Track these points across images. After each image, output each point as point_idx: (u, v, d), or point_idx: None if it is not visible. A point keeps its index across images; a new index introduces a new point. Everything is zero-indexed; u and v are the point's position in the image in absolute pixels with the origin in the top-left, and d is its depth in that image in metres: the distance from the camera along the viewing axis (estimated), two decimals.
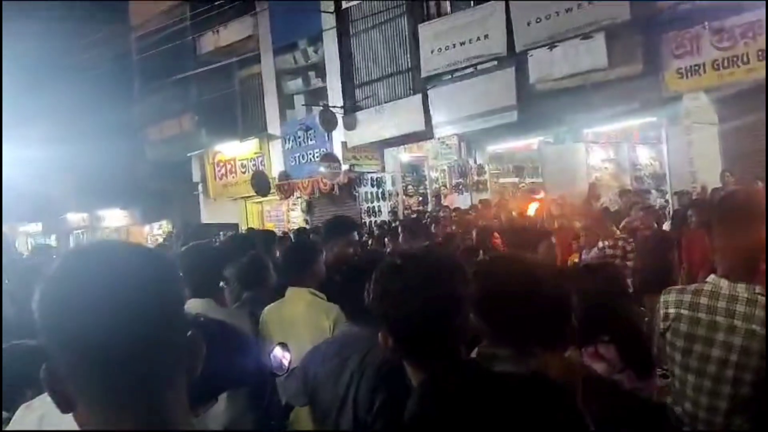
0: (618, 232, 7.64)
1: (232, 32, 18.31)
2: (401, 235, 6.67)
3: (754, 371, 2.19)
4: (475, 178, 14.41)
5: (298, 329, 3.47)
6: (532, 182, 14.38)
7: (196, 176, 20.04)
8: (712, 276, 2.34)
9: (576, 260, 7.27)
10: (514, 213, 11.06)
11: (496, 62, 12.64)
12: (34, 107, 18.45)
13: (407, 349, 1.67)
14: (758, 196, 2.43)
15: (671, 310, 2.36)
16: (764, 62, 9.78)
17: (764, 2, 8.97)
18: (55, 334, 0.92)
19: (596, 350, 2.39)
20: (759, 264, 2.23)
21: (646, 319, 3.29)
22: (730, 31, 10.16)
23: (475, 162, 14.47)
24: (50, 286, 0.93)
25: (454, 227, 10.38)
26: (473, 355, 1.93)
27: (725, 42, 10.24)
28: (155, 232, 22.91)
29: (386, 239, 8.36)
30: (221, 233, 14.09)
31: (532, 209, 10.62)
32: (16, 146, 17.21)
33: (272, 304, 3.78)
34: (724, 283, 2.28)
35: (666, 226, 8.79)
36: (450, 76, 13.49)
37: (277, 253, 5.77)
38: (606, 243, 7.07)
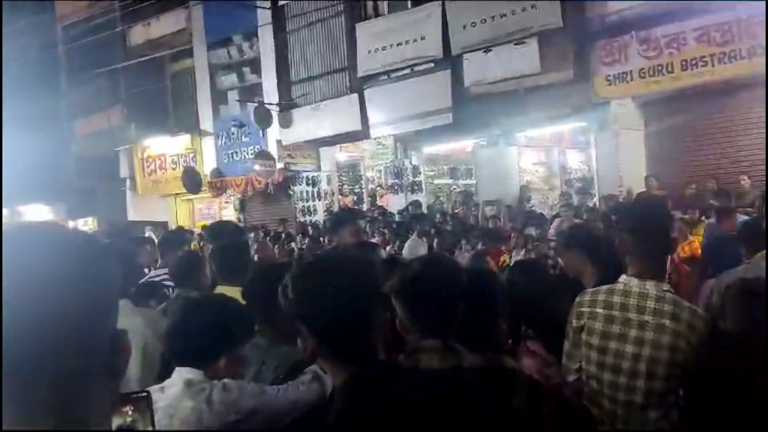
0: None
1: (164, 25, 17.87)
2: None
3: (665, 365, 2.31)
4: (411, 178, 14.51)
5: None
6: (466, 184, 14.61)
7: (123, 172, 19.46)
8: (623, 276, 2.47)
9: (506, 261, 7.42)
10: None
11: (432, 64, 12.74)
12: None
13: (329, 347, 1.64)
14: (662, 202, 2.64)
15: (585, 309, 2.48)
16: (687, 72, 10.21)
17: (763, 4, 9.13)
18: None
19: (526, 345, 2.45)
20: (665, 263, 2.39)
21: None
22: (655, 41, 10.57)
23: (411, 163, 14.56)
24: None
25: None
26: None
27: (651, 51, 10.65)
28: (80, 229, 22.11)
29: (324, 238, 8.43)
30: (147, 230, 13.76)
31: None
32: None
33: None
34: (634, 282, 2.41)
35: None
36: (387, 77, 13.53)
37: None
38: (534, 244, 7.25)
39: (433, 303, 1.93)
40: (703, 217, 8.43)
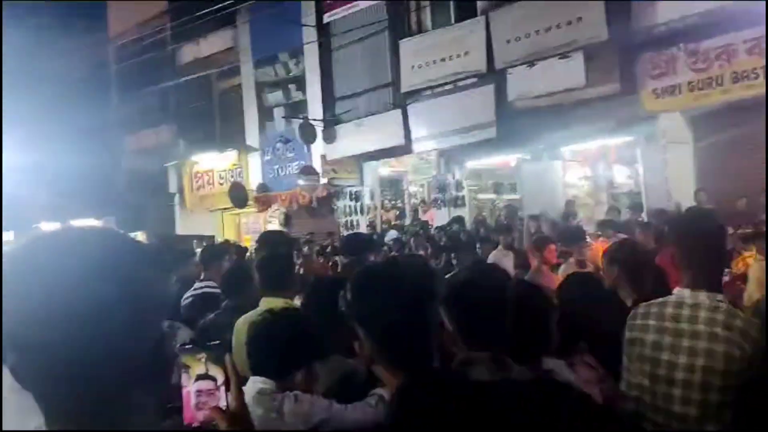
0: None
1: (212, 44, 18.28)
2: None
3: (720, 375, 2.24)
4: (454, 193, 14.44)
5: None
6: (510, 199, 14.47)
7: (172, 187, 19.88)
8: (677, 288, 2.44)
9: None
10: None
11: (476, 79, 12.73)
12: (8, 114, 18.17)
13: (385, 352, 1.65)
14: (713, 215, 2.60)
15: (638, 321, 2.44)
16: (738, 84, 9.96)
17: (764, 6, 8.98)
18: (5, 330, 0.84)
19: (582, 358, 2.41)
20: (719, 275, 2.36)
21: None
22: (705, 54, 10.34)
23: (454, 177, 14.51)
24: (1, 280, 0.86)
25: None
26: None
27: (700, 64, 10.42)
28: (132, 236, 22.62)
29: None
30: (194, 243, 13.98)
31: None
32: None
33: (245, 315, 3.74)
34: (687, 293, 2.38)
35: None
36: (430, 92, 13.56)
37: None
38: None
39: (482, 314, 1.92)
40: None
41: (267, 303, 3.70)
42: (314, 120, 15.54)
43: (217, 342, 1.18)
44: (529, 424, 1.69)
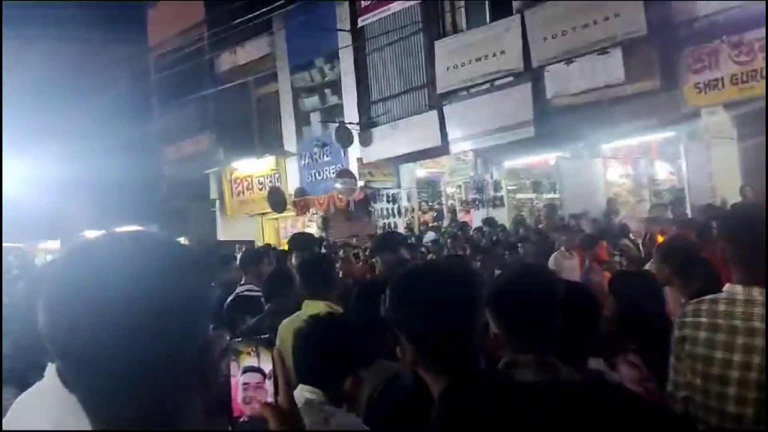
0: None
1: (249, 51, 18.50)
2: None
3: None
4: (492, 193, 14.35)
5: None
6: (550, 198, 14.31)
7: (213, 193, 20.15)
8: (728, 284, 2.35)
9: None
10: None
11: (512, 78, 12.62)
12: (53, 126, 18.66)
13: (428, 357, 1.62)
14: (762, 209, 2.49)
15: (688, 319, 2.36)
16: None
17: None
18: (50, 337, 0.85)
19: (626, 357, 2.35)
20: None
21: None
22: (748, 45, 10.07)
23: (492, 177, 14.41)
24: (47, 286, 0.87)
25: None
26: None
27: (744, 56, 10.15)
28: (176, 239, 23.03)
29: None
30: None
31: None
32: (35, 164, 17.38)
33: (288, 318, 3.76)
34: (739, 289, 2.28)
35: None
36: (466, 92, 13.50)
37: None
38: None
39: (527, 315, 1.89)
40: None
41: (309, 306, 3.73)
42: (350, 123, 15.60)
43: (266, 335, 1.18)
44: (579, 426, 1.66)
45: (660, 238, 6.93)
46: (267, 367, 1.11)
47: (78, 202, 21.11)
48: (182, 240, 20.87)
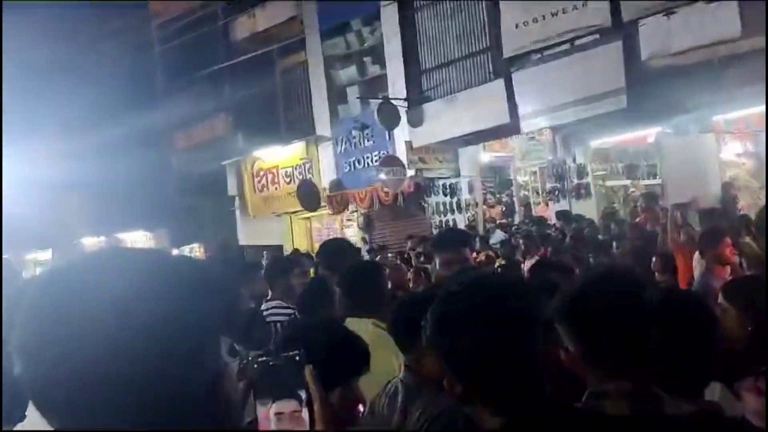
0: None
1: (270, 14, 18.64)
2: None
3: None
4: (575, 181, 14.21)
5: None
6: (649, 185, 14.07)
7: (231, 189, 20.40)
8: None
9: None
10: None
11: (597, 36, 12.51)
12: (39, 115, 19.14)
13: (478, 390, 1.64)
14: None
15: None
16: None
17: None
18: (26, 386, 0.88)
19: (755, 382, 2.30)
20: None
21: None
22: None
23: (575, 161, 14.29)
24: (18, 328, 0.89)
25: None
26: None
27: None
28: (179, 255, 23.39)
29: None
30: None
31: None
32: (19, 163, 17.81)
33: None
34: None
35: None
36: (539, 56, 13.40)
37: None
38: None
39: (614, 332, 1.87)
40: None
41: (351, 325, 3.75)
42: (396, 99, 15.61)
43: (296, 353, 1.20)
44: None
45: None
46: (303, 392, 1.13)
47: (71, 205, 21.68)
48: (196, 246, 21.32)
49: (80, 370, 0.84)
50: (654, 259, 8.27)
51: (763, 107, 12.14)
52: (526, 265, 9.95)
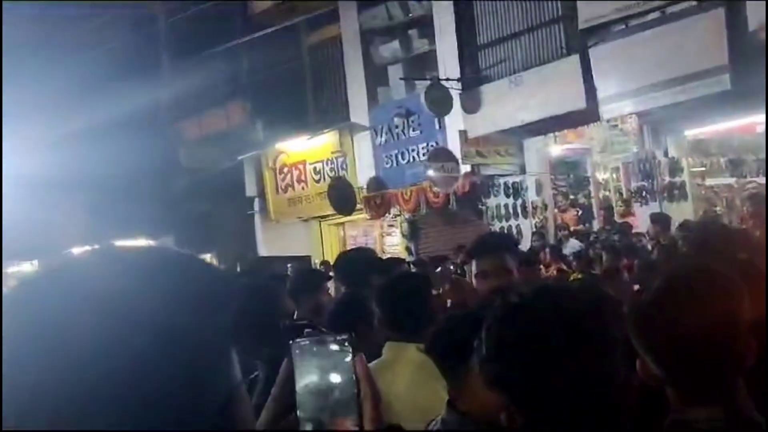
0: None
1: None
2: None
3: None
4: (667, 179, 14.13)
5: (402, 404, 3.45)
6: (758, 183, 13.90)
7: (250, 189, 20.62)
8: None
9: None
10: None
11: (694, 3, 12.44)
12: (24, 105, 19.39)
13: (545, 427, 1.66)
14: None
15: None
16: None
17: None
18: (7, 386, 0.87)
19: None
20: None
21: None
22: None
23: (666, 155, 14.22)
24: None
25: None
26: None
27: None
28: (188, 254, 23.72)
29: None
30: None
31: None
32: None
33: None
34: None
35: None
36: (623, 27, 13.36)
37: None
38: None
39: (695, 341, 1.87)
40: None
41: (392, 350, 3.70)
42: (448, 80, 15.61)
43: (345, 336, 1.21)
44: None
45: None
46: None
47: (61, 208, 21.94)
48: (209, 257, 21.45)
49: (62, 400, 0.85)
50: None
51: None
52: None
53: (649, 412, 2.00)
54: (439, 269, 11.58)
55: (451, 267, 11.61)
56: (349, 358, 1.18)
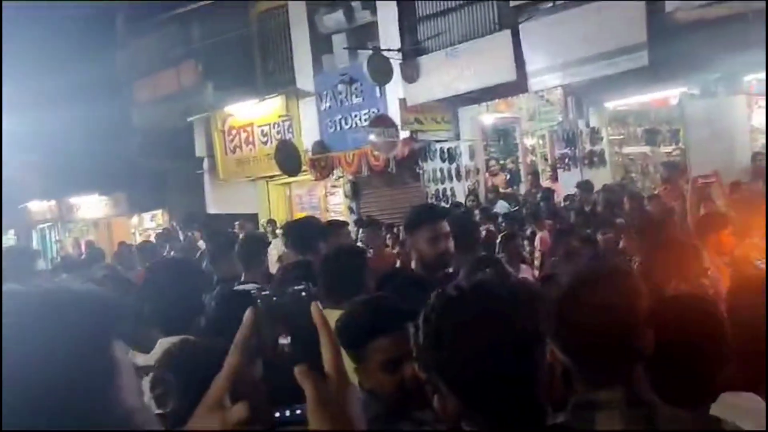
0: None
1: None
2: None
3: None
4: (588, 147, 14.30)
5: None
6: (670, 152, 14.15)
7: (199, 149, 20.37)
8: None
9: None
10: None
11: None
12: None
13: (477, 410, 1.67)
14: None
15: None
16: None
17: None
18: None
19: None
20: None
21: None
22: None
23: (588, 125, 14.36)
24: None
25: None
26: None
27: None
28: (146, 225, 23.50)
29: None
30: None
31: None
32: None
33: None
34: None
35: None
36: (551, 4, 13.37)
37: None
38: None
39: (598, 333, 1.91)
40: None
41: (326, 316, 3.83)
42: (389, 50, 15.59)
43: (302, 287, 1.24)
44: None
45: None
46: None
47: (15, 164, 21.48)
48: (159, 213, 21.22)
49: None
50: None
51: None
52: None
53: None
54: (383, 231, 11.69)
55: (395, 230, 11.61)
56: (307, 308, 1.19)
